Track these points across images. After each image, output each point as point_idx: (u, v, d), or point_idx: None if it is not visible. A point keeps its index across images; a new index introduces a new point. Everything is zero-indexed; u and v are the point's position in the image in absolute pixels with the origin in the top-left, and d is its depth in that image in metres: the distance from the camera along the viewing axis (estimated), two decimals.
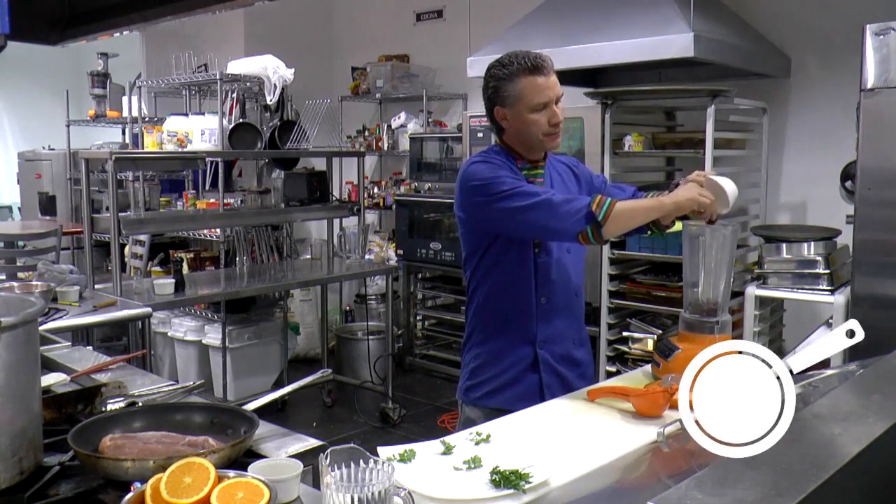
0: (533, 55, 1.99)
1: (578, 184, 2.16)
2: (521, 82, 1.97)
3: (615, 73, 4.51)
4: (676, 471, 1.44)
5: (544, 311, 2.04)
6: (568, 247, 2.06)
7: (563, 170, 2.16)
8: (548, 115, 1.98)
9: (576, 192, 2.11)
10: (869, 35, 2.75)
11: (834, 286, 3.27)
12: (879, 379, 1.36)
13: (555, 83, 2.00)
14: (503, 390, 2.04)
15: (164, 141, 4.60)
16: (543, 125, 1.99)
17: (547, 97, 1.98)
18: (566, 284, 2.06)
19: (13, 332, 1.25)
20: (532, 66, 1.97)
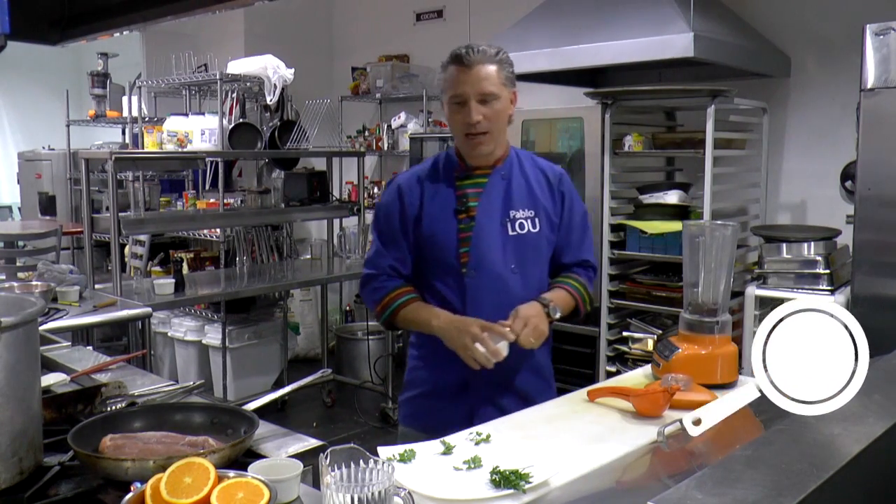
0: (469, 46, 1.84)
1: (553, 198, 1.97)
2: (448, 72, 1.86)
3: (615, 73, 4.51)
4: (676, 471, 1.44)
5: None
6: (515, 266, 1.89)
7: (536, 178, 1.96)
8: (464, 113, 1.83)
9: (548, 205, 1.94)
10: (869, 35, 2.75)
11: (834, 286, 3.27)
12: (879, 379, 1.36)
13: (477, 78, 1.81)
14: (429, 414, 1.92)
15: (164, 141, 4.60)
16: (459, 124, 1.85)
17: (461, 91, 1.82)
18: (508, 306, 1.83)
19: (13, 332, 1.25)
20: (456, 55, 1.84)
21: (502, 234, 1.89)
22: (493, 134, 1.87)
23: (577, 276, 1.99)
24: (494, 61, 1.83)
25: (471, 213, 1.89)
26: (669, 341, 1.86)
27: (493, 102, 1.83)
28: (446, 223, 1.90)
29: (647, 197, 3.79)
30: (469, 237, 1.87)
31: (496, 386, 1.89)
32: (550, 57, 3.71)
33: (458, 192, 1.91)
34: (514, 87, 1.91)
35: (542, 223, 1.93)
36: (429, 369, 1.97)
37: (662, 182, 4.08)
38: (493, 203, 1.90)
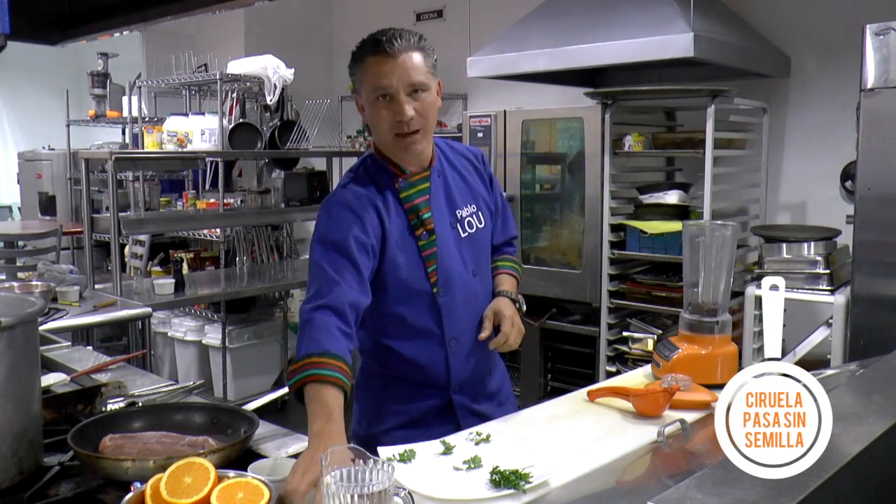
0: (382, 32, 1.60)
1: (485, 184, 1.82)
2: (365, 62, 1.60)
3: (615, 73, 4.51)
4: (676, 471, 1.44)
5: (456, 354, 1.72)
6: (474, 269, 1.74)
7: (464, 166, 1.80)
8: (393, 109, 1.58)
9: (484, 193, 1.81)
10: (869, 35, 2.75)
11: (834, 286, 3.27)
12: (879, 379, 1.36)
13: (404, 67, 1.56)
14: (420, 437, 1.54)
15: (164, 141, 4.60)
16: (388, 121, 1.60)
17: (387, 83, 1.57)
18: (477, 318, 1.71)
19: (13, 332, 1.25)
20: (374, 41, 1.58)
21: (455, 238, 1.72)
22: (426, 130, 1.64)
23: (508, 256, 1.90)
24: (419, 48, 1.60)
25: (427, 226, 1.67)
26: (669, 341, 1.86)
27: (424, 94, 1.60)
28: (405, 244, 1.66)
29: (647, 197, 3.79)
30: (434, 254, 1.67)
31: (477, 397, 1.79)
32: (550, 57, 3.72)
33: (406, 204, 1.67)
34: (437, 77, 1.66)
35: (484, 215, 1.78)
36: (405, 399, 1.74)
37: (662, 182, 4.08)
38: (441, 207, 1.71)
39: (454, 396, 1.75)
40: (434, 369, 1.72)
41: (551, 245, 4.12)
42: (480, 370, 1.80)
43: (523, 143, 4.08)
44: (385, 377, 1.77)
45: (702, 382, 1.70)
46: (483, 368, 1.81)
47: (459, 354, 1.73)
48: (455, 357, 1.73)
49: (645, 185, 3.91)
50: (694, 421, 1.56)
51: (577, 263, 3.93)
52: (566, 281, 3.94)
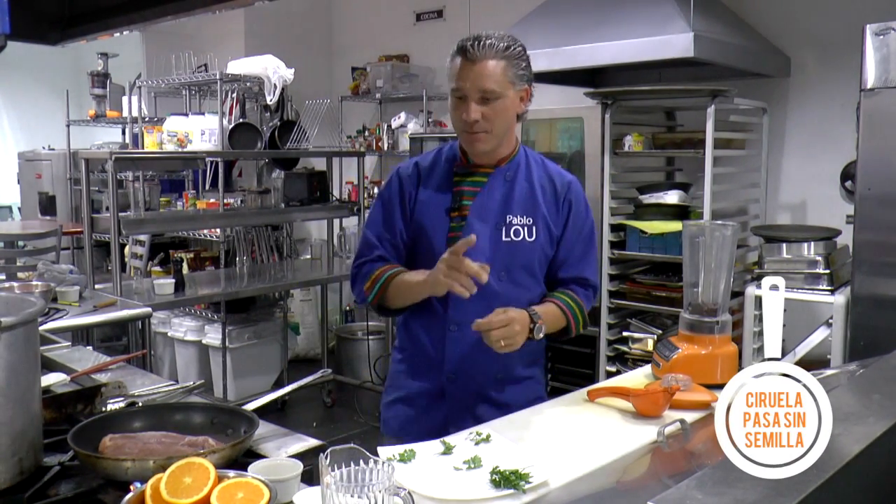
0: (476, 35, 1.72)
1: (557, 208, 1.84)
2: (453, 62, 1.74)
3: (615, 73, 4.51)
4: (676, 471, 1.44)
5: (456, 339, 1.77)
6: (503, 273, 1.77)
7: (542, 184, 1.84)
8: (463, 109, 1.72)
9: (550, 215, 1.82)
10: (869, 35, 2.75)
11: (834, 286, 3.27)
12: (879, 379, 1.36)
13: (479, 74, 1.69)
14: (405, 422, 1.86)
15: (164, 141, 4.60)
16: (458, 119, 1.75)
17: (461, 86, 1.71)
18: (487, 311, 1.68)
19: (13, 332, 1.25)
20: (462, 46, 1.72)
21: (494, 238, 1.78)
22: (494, 133, 1.76)
23: (573, 294, 1.85)
24: (502, 56, 1.71)
25: (463, 213, 1.79)
26: (669, 341, 1.87)
27: (495, 102, 1.72)
28: (437, 220, 1.80)
29: (647, 197, 3.78)
30: (458, 237, 1.74)
31: (474, 396, 1.81)
32: (550, 57, 3.71)
33: (455, 188, 1.81)
34: (525, 84, 1.79)
35: (539, 233, 1.80)
36: (408, 374, 1.88)
37: (662, 182, 4.08)
38: (490, 205, 1.79)
39: (446, 384, 1.79)
40: (431, 349, 1.81)
41: None
42: (482, 368, 1.79)
43: (523, 143, 4.06)
44: (401, 349, 1.91)
45: (702, 382, 1.70)
46: (487, 368, 1.79)
47: (458, 341, 1.77)
48: (452, 342, 1.77)
49: (645, 185, 3.91)
50: (694, 421, 1.56)
51: None
52: None
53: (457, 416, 1.79)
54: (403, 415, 1.88)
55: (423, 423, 1.81)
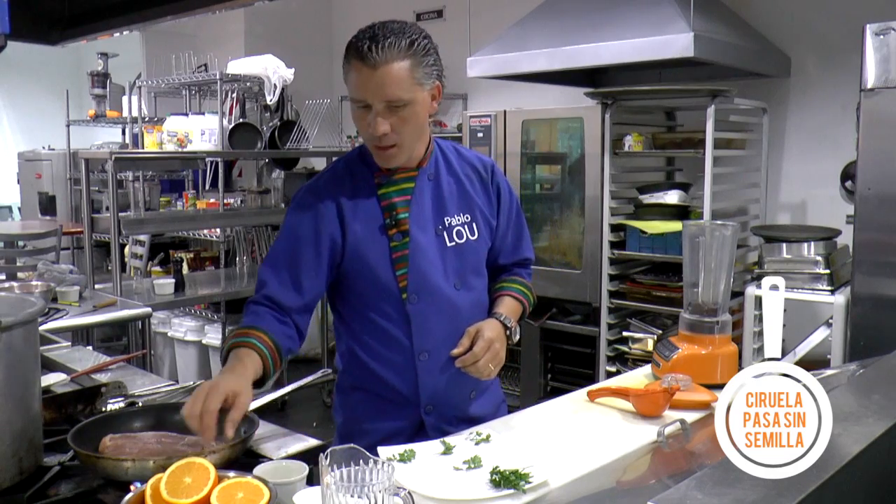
0: (371, 33, 1.48)
1: (488, 196, 1.68)
2: (350, 65, 1.50)
3: (615, 73, 4.51)
4: (676, 471, 1.44)
5: (427, 368, 1.58)
6: (457, 282, 1.61)
7: (467, 174, 1.66)
8: (368, 122, 1.48)
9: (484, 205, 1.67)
10: (869, 35, 2.75)
11: (834, 286, 3.27)
12: (879, 379, 1.36)
13: (382, 82, 1.44)
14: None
15: (164, 141, 4.61)
16: (365, 131, 1.51)
17: (363, 97, 1.47)
18: (458, 331, 1.56)
19: (13, 332, 1.25)
20: (356, 48, 1.47)
21: (439, 246, 1.60)
22: (406, 144, 1.53)
23: (518, 278, 1.75)
24: (407, 56, 1.47)
25: (402, 227, 1.56)
26: (669, 341, 1.87)
27: (404, 109, 1.48)
28: (375, 243, 1.56)
29: (647, 197, 3.78)
30: (405, 256, 1.56)
31: (451, 420, 1.64)
32: (550, 57, 3.71)
33: (383, 202, 1.57)
34: (435, 80, 1.53)
35: (480, 228, 1.65)
36: (373, 418, 1.64)
37: (662, 182, 4.08)
38: (425, 211, 1.59)
39: (425, 417, 1.61)
40: (403, 384, 1.60)
41: (551, 245, 4.12)
42: (459, 391, 1.64)
43: (523, 143, 4.08)
44: (359, 390, 1.66)
45: (702, 382, 1.70)
46: (463, 390, 1.65)
47: (431, 370, 1.59)
48: (425, 372, 1.59)
49: (645, 185, 3.91)
50: (694, 421, 1.56)
51: (577, 263, 3.93)
52: (566, 281, 3.93)
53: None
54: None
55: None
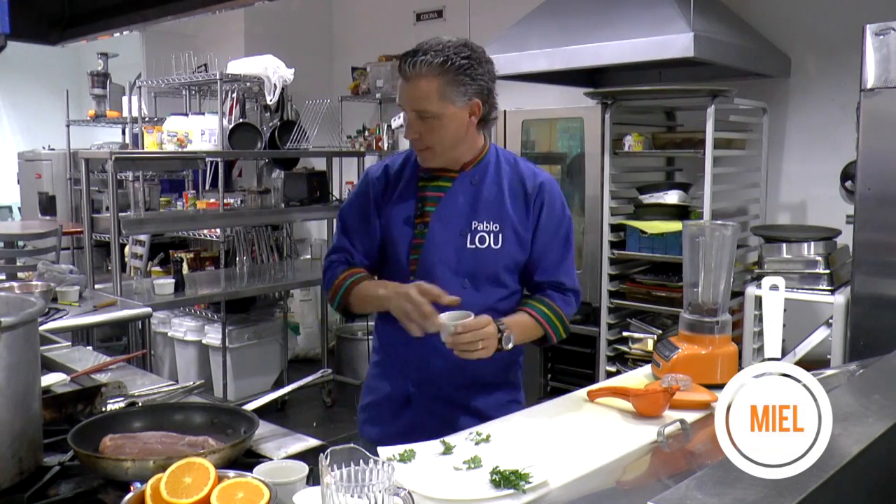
0: (413, 51, 1.65)
1: (527, 211, 1.76)
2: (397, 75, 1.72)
3: (615, 73, 4.51)
4: (676, 471, 1.44)
5: (418, 347, 1.72)
6: (467, 281, 1.73)
7: (512, 187, 1.77)
8: (406, 126, 1.72)
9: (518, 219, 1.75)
10: (869, 35, 2.75)
11: (834, 286, 3.27)
12: (879, 379, 1.36)
13: (413, 94, 1.65)
14: (379, 423, 1.84)
15: (164, 141, 4.60)
16: (407, 131, 1.73)
17: (401, 102, 1.70)
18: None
19: (13, 332, 1.25)
20: (402, 59, 1.67)
21: (458, 245, 1.73)
22: (439, 149, 1.71)
23: (549, 301, 1.81)
24: (438, 73, 1.62)
25: (425, 220, 1.74)
26: (669, 341, 1.87)
27: (433, 120, 1.66)
28: (402, 227, 1.76)
29: (647, 197, 3.79)
30: (420, 245, 1.74)
31: (440, 402, 1.78)
32: (550, 57, 3.71)
33: (419, 194, 1.77)
34: (474, 98, 1.68)
35: (506, 240, 1.74)
36: (379, 378, 1.87)
37: (662, 182, 4.08)
38: (454, 211, 1.74)
39: (411, 389, 1.79)
40: (397, 355, 1.81)
41: None
42: (448, 376, 1.75)
43: (523, 143, 4.08)
44: (375, 352, 1.92)
45: (702, 382, 1.70)
46: (452, 375, 1.75)
47: (421, 348, 1.72)
48: (416, 349, 1.73)
49: (645, 185, 3.91)
50: (694, 421, 1.56)
51: (577, 263, 3.91)
52: None
53: (423, 420, 1.77)
54: (373, 417, 1.87)
55: (391, 427, 1.80)
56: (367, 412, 1.89)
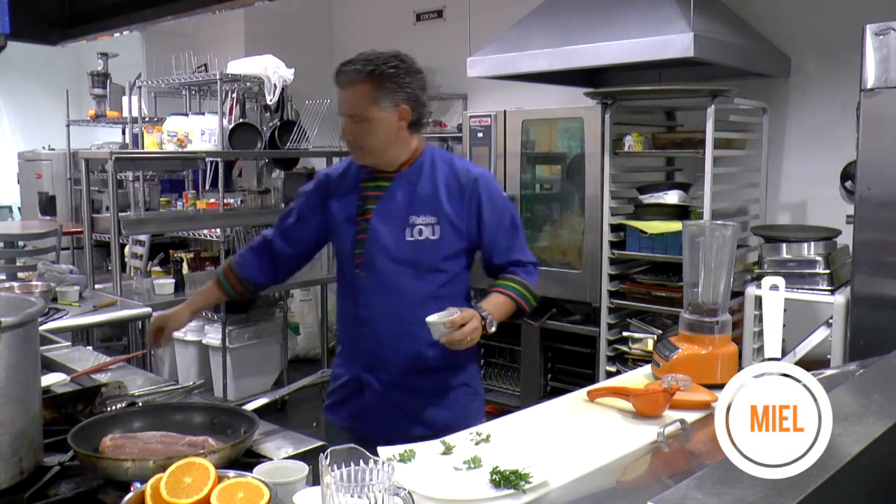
0: (348, 62, 1.86)
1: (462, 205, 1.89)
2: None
3: (615, 73, 4.51)
4: (676, 471, 1.44)
5: (368, 335, 1.91)
6: (411, 271, 1.88)
7: (447, 183, 1.90)
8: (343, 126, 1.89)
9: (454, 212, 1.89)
10: (869, 35, 2.75)
11: (834, 286, 3.27)
12: (879, 379, 1.36)
13: (346, 100, 1.85)
14: (339, 406, 2.01)
15: (164, 141, 4.60)
16: (342, 133, 1.91)
17: (339, 108, 1.90)
18: (399, 310, 1.87)
19: (13, 332, 1.25)
20: (336, 74, 1.88)
21: (398, 238, 1.88)
22: (371, 150, 1.88)
23: (514, 277, 1.96)
24: (367, 81, 1.81)
25: (367, 217, 1.91)
26: (669, 341, 1.87)
27: (364, 123, 1.83)
28: (346, 225, 1.94)
29: (647, 197, 3.78)
30: (363, 239, 1.90)
31: (390, 385, 1.92)
32: (550, 57, 3.71)
33: (362, 193, 1.94)
34: (401, 105, 1.84)
35: (443, 231, 1.89)
36: (338, 366, 2.04)
37: (662, 182, 4.08)
38: (392, 207, 1.90)
39: (364, 375, 1.93)
40: (350, 342, 1.99)
41: (551, 245, 4.12)
42: (396, 360, 1.90)
43: (523, 143, 4.08)
44: (337, 341, 2.12)
45: (702, 382, 1.70)
46: (399, 360, 1.90)
47: (371, 337, 1.91)
48: (366, 337, 1.91)
49: (645, 185, 3.91)
50: (694, 421, 1.56)
51: (577, 263, 3.93)
52: (566, 281, 3.93)
53: (375, 403, 1.93)
54: (335, 402, 2.03)
55: (348, 410, 1.98)
56: (331, 398, 2.05)
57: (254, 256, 2.08)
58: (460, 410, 1.94)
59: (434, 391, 1.94)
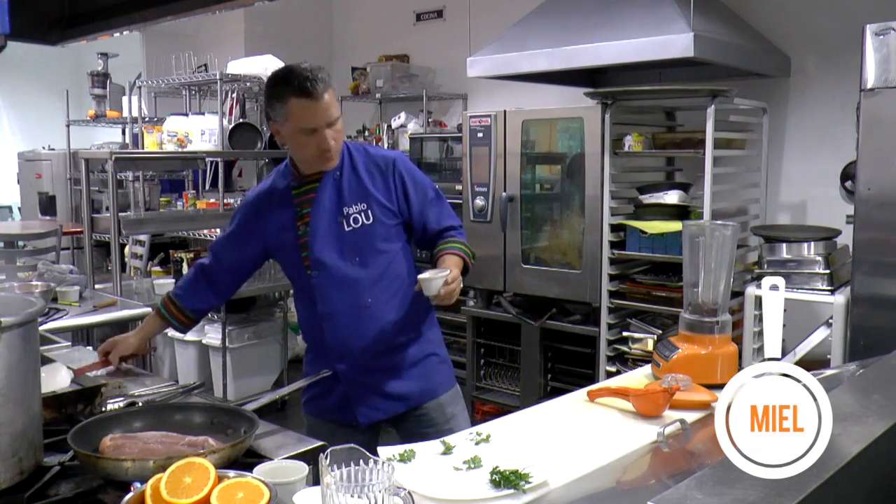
0: (306, 74, 1.86)
1: (387, 186, 2.02)
2: (291, 103, 1.87)
3: (615, 73, 4.51)
4: (676, 471, 1.44)
5: (331, 328, 1.99)
6: (358, 259, 1.97)
7: (369, 170, 2.02)
8: (317, 141, 1.89)
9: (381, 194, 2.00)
10: (869, 35, 2.75)
11: (834, 286, 3.27)
12: (879, 379, 1.36)
13: (327, 107, 1.88)
14: (320, 400, 2.07)
15: (164, 141, 4.60)
16: (312, 150, 1.92)
17: (315, 123, 1.88)
18: (354, 297, 1.97)
19: (13, 332, 1.25)
20: (301, 88, 1.85)
21: (338, 231, 1.97)
22: (337, 151, 1.97)
23: (453, 238, 2.07)
24: (330, 85, 1.90)
25: (306, 220, 1.99)
26: (669, 341, 1.87)
27: (338, 124, 1.93)
28: (288, 233, 2.01)
29: (647, 197, 3.78)
30: (307, 242, 1.98)
31: (364, 371, 2.00)
32: (550, 57, 3.71)
33: (295, 200, 2.01)
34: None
35: (375, 214, 1.99)
36: (310, 364, 2.10)
37: (662, 182, 4.08)
38: (326, 204, 1.98)
39: (337, 365, 2.00)
40: (317, 339, 2.05)
41: (551, 245, 4.12)
42: (365, 345, 1.97)
43: (523, 143, 4.08)
44: (303, 338, 2.18)
45: (702, 382, 1.70)
46: (365, 346, 1.97)
47: (334, 329, 1.99)
48: (330, 331, 1.99)
49: (645, 185, 3.91)
50: (694, 421, 1.56)
51: (577, 263, 3.93)
52: (566, 281, 3.93)
53: (354, 390, 2.01)
54: (313, 396, 2.09)
55: (328, 402, 2.05)
56: (308, 392, 2.10)
57: (192, 286, 2.14)
58: (433, 379, 2.06)
59: (405, 365, 2.03)
